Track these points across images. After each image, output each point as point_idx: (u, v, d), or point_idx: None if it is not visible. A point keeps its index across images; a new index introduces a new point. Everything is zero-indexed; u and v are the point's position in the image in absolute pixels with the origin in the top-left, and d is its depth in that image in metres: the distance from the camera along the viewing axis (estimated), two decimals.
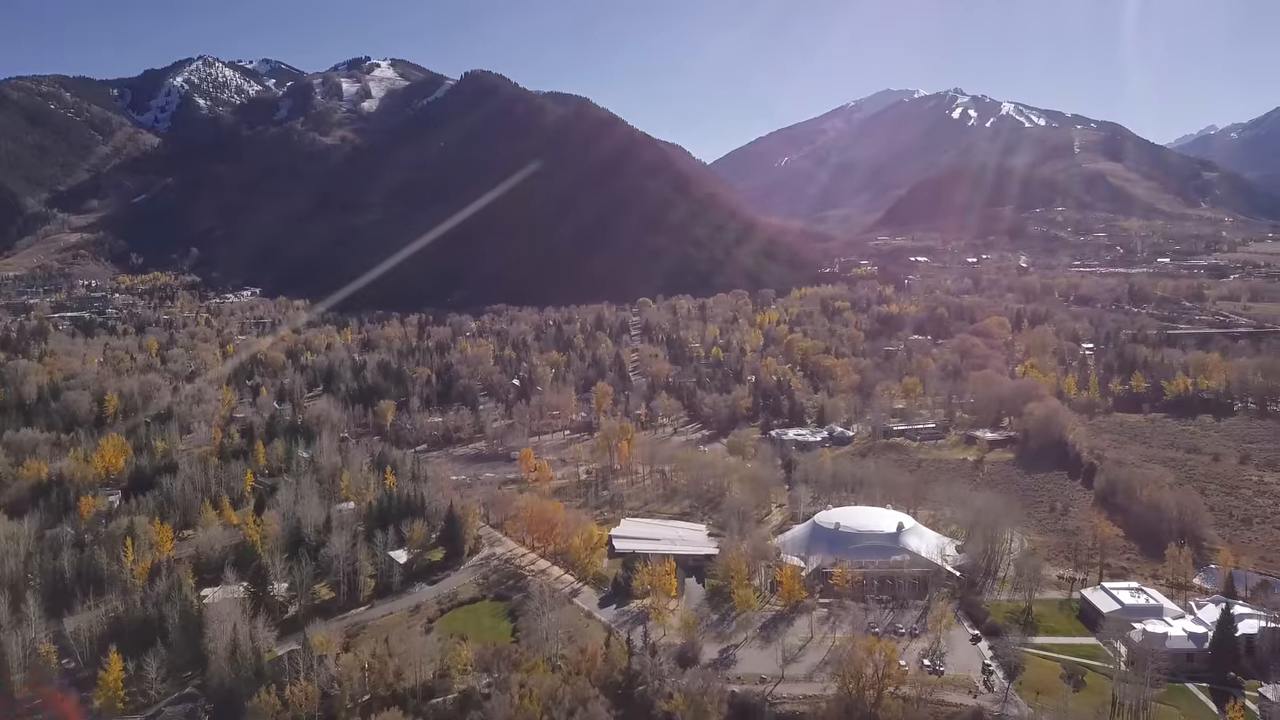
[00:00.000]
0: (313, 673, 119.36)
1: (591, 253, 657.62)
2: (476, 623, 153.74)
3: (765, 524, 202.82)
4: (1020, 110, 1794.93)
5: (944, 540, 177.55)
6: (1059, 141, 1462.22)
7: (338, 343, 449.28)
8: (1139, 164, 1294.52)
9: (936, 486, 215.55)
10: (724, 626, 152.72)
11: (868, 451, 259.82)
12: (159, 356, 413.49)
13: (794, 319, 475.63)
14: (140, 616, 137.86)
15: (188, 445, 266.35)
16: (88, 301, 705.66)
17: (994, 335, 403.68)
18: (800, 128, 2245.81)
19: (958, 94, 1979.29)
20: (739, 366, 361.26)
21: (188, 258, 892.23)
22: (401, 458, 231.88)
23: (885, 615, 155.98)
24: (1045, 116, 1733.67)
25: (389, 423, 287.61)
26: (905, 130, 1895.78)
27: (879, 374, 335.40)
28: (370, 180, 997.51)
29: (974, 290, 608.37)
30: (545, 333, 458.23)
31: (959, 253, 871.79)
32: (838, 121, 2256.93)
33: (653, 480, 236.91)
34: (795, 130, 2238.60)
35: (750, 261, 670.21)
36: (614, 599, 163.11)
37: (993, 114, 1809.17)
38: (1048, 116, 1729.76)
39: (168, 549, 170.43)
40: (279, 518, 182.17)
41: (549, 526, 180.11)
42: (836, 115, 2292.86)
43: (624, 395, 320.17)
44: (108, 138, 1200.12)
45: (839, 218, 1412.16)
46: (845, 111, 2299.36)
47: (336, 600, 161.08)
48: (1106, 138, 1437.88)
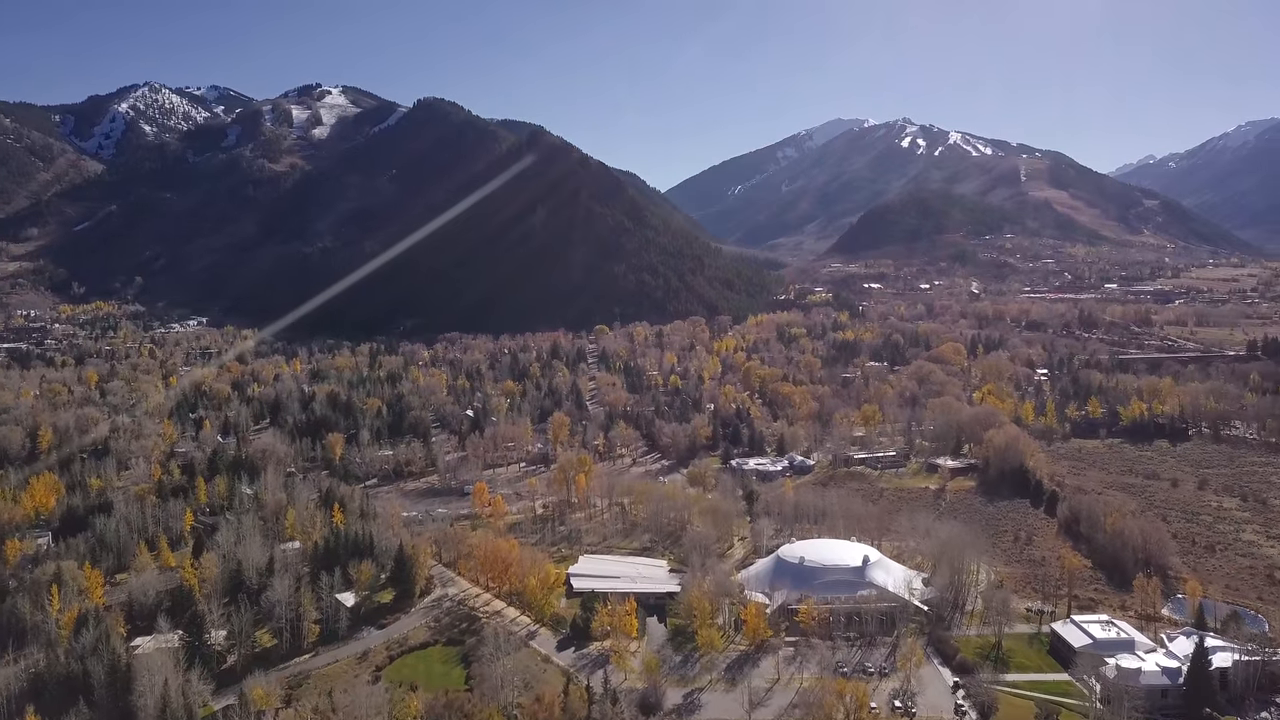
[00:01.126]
0: None
1: (547, 280, 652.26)
2: (428, 670, 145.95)
3: (728, 558, 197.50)
4: (967, 139, 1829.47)
5: (910, 573, 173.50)
6: (1005, 170, 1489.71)
7: (286, 373, 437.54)
8: (1083, 191, 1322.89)
9: (900, 517, 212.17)
10: (687, 668, 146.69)
11: (829, 481, 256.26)
12: (98, 389, 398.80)
13: (751, 346, 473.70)
14: (63, 672, 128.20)
15: (125, 482, 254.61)
16: (26, 332, 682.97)
17: (950, 361, 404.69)
18: (752, 156, 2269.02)
19: (906, 123, 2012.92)
20: (698, 395, 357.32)
21: (131, 286, 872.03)
22: (350, 494, 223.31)
23: (853, 653, 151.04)
24: (992, 145, 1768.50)
25: (338, 456, 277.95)
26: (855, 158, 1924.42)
27: (837, 401, 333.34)
28: (320, 207, 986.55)
29: (927, 316, 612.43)
30: (500, 361, 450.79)
31: (911, 279, 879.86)
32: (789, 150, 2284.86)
33: (611, 514, 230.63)
34: (747, 159, 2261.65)
35: (706, 288, 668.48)
36: (573, 641, 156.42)
37: (941, 143, 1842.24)
38: (994, 145, 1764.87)
39: (97, 596, 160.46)
40: (218, 559, 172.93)
41: (503, 566, 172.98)
42: (788, 144, 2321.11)
43: (581, 425, 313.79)
44: (49, 164, 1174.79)
45: (791, 245, 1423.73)
46: (797, 140, 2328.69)
47: (279, 648, 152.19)
48: (1051, 166, 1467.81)
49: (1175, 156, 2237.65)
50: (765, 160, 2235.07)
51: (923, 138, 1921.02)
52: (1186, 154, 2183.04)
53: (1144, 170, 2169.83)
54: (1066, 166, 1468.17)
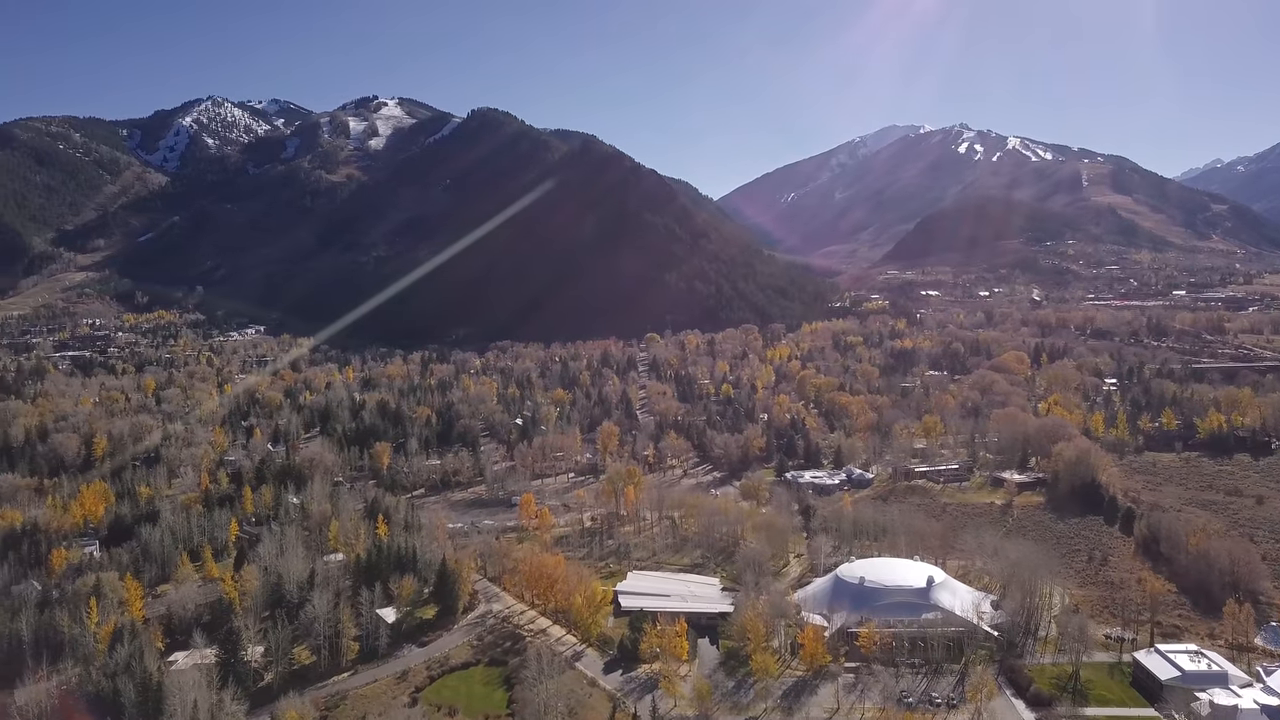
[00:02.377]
0: None
1: (598, 288, 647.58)
2: (468, 692, 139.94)
3: (783, 577, 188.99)
4: (1026, 144, 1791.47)
5: (978, 595, 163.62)
6: (1066, 175, 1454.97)
7: (337, 381, 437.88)
8: (1147, 197, 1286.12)
9: (965, 534, 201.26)
10: (741, 695, 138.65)
11: (889, 495, 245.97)
12: (154, 396, 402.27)
13: (805, 354, 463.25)
14: (93, 689, 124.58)
15: (175, 490, 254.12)
16: (90, 340, 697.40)
17: (1013, 370, 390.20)
18: (804, 164, 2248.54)
19: (963, 129, 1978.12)
20: (750, 404, 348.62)
21: (192, 296, 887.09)
22: (395, 504, 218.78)
23: (918, 682, 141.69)
24: (1052, 150, 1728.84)
25: (385, 466, 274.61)
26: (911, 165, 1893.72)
27: (896, 412, 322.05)
28: (375, 217, 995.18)
29: (987, 324, 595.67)
30: (550, 370, 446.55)
31: (969, 286, 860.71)
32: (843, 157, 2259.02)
33: (661, 528, 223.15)
34: (799, 167, 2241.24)
35: (759, 295, 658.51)
36: (620, 663, 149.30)
37: (999, 148, 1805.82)
38: (1054, 150, 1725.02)
39: (137, 609, 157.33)
40: (259, 572, 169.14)
41: (548, 582, 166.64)
42: (842, 151, 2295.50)
43: (631, 435, 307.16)
44: (115, 177, 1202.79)
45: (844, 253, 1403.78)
46: (850, 147, 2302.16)
47: (317, 666, 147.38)
48: (1114, 171, 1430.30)
49: (1244, 160, 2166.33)
50: (818, 168, 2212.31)
51: (980, 143, 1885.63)
52: (1255, 157, 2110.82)
53: (1211, 174, 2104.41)
54: (1130, 171, 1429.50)
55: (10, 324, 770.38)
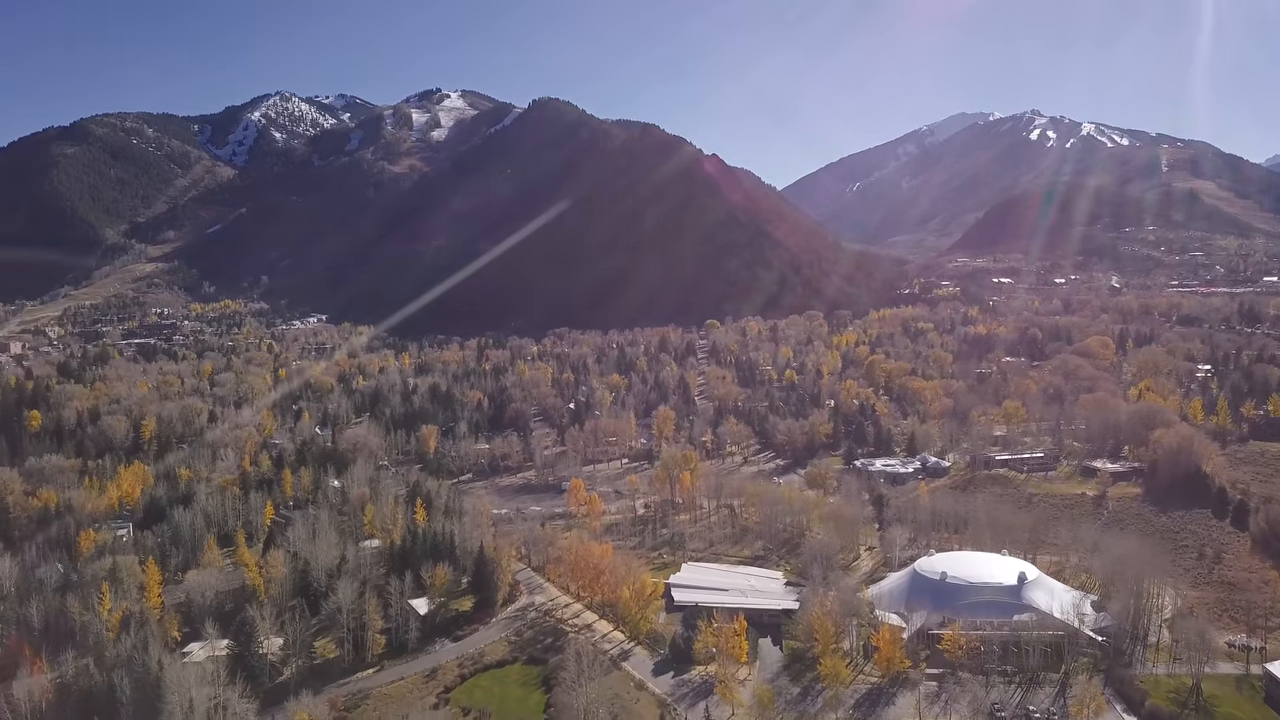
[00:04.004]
0: None
1: (658, 276, 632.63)
2: (503, 694, 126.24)
3: (853, 571, 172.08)
4: (1101, 130, 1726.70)
5: (1077, 595, 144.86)
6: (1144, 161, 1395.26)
7: (391, 367, 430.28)
8: (1231, 182, 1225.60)
9: (1058, 528, 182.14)
10: (807, 704, 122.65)
11: (967, 484, 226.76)
12: (208, 381, 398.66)
13: (874, 340, 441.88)
14: (85, 685, 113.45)
15: (216, 473, 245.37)
16: (157, 329, 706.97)
17: (1098, 355, 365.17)
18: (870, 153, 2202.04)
19: (1035, 115, 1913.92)
20: (816, 390, 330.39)
21: (257, 286, 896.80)
22: (437, 489, 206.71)
23: (1012, 693, 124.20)
24: (1128, 136, 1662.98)
25: (431, 449, 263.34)
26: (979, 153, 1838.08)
27: (973, 398, 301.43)
28: (436, 208, 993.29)
29: (1064, 312, 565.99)
30: (607, 356, 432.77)
31: (1045, 273, 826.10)
32: (909, 146, 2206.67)
33: (719, 517, 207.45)
34: (865, 156, 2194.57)
35: (824, 282, 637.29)
36: (671, 664, 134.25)
37: (1072, 135, 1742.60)
38: (1130, 136, 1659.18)
39: (154, 596, 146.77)
40: (286, 558, 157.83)
41: (594, 573, 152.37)
42: (908, 140, 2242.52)
43: (688, 421, 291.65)
44: (186, 171, 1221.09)
45: (911, 243, 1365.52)
46: (917, 135, 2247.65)
47: (340, 661, 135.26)
48: (1194, 156, 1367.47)
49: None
50: (884, 157, 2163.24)
51: (1053, 130, 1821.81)
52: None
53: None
54: (1212, 156, 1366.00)
55: (83, 313, 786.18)
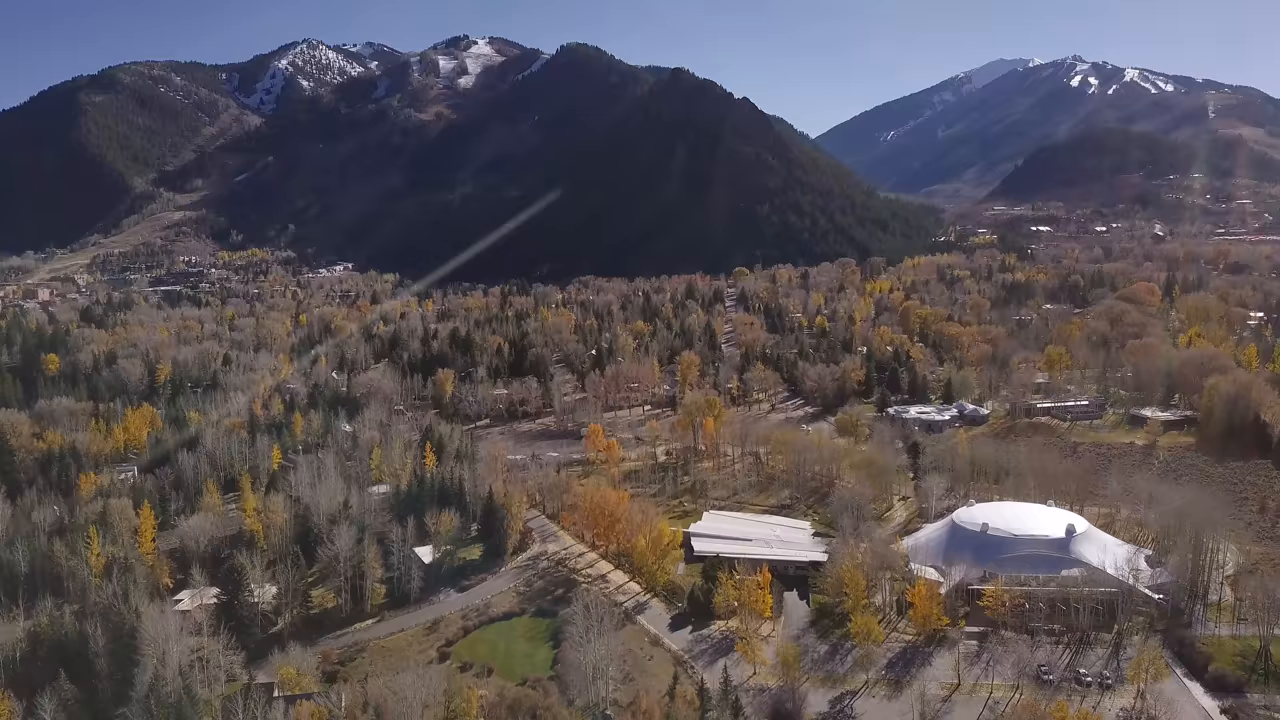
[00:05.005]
0: None
1: (687, 223, 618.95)
2: (508, 649, 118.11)
3: (886, 522, 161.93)
4: (1145, 76, 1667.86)
5: (1130, 549, 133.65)
6: (1190, 107, 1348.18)
7: (414, 312, 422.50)
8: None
9: (1108, 478, 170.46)
10: (835, 663, 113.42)
11: (1007, 433, 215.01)
12: (227, 326, 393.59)
13: (908, 287, 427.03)
14: (53, 635, 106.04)
15: (227, 416, 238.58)
16: (185, 276, 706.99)
17: (1144, 302, 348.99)
18: (905, 101, 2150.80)
19: (1076, 61, 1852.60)
20: (848, 336, 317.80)
21: (285, 234, 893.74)
22: (450, 433, 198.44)
23: (1060, 654, 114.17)
24: (1173, 82, 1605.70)
25: (448, 394, 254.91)
26: (1019, 101, 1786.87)
27: (1013, 344, 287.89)
28: (464, 155, 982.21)
29: (1105, 260, 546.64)
30: (632, 303, 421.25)
31: (1085, 222, 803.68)
32: (946, 94, 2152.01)
33: (744, 465, 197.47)
34: (900, 104, 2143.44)
35: (857, 229, 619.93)
36: (690, 618, 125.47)
37: (1115, 81, 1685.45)
38: (1176, 82, 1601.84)
39: (147, 541, 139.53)
40: (287, 503, 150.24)
41: (609, 521, 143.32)
42: (945, 87, 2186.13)
43: (714, 367, 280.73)
44: (214, 119, 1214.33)
45: (948, 192, 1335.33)
46: (954, 83, 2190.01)
47: (338, 611, 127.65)
48: (1243, 102, 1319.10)
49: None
50: (920, 105, 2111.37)
51: (1094, 76, 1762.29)
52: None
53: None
54: (1262, 102, 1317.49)
55: (111, 261, 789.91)
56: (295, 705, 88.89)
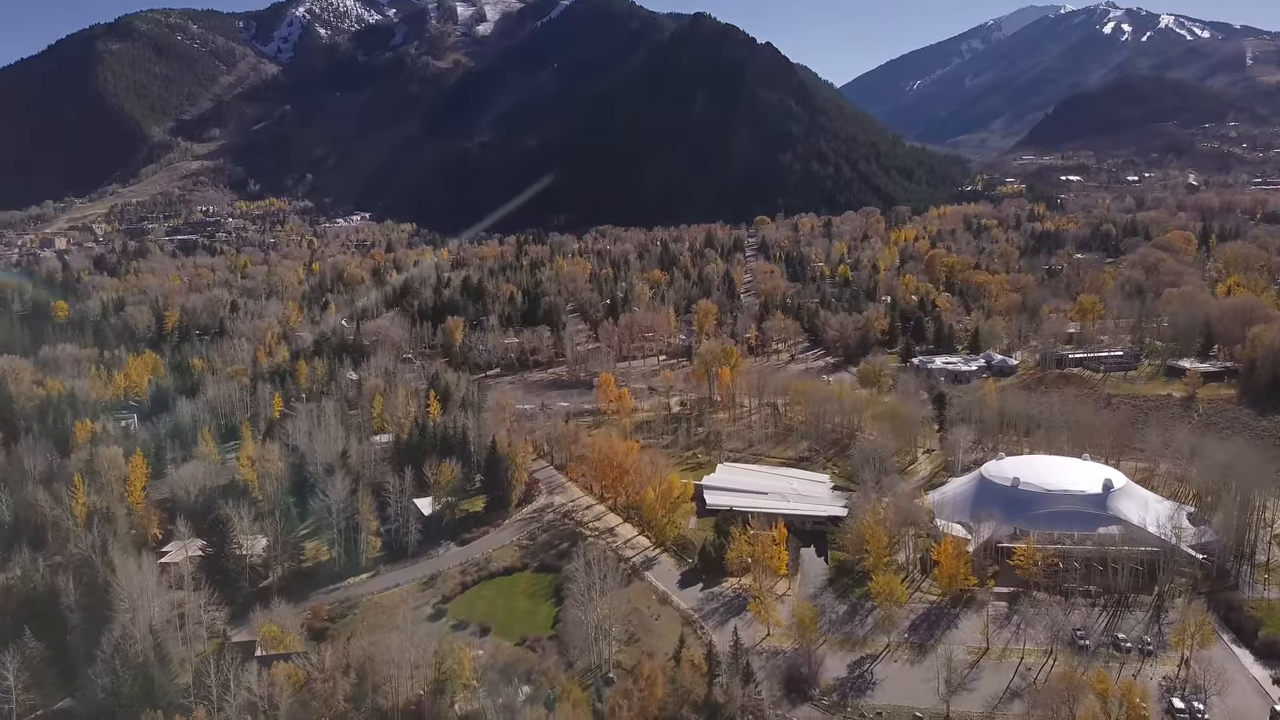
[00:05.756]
0: (229, 690, 79.24)
1: (707, 171, 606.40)
2: (508, 605, 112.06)
3: (910, 475, 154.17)
4: (1181, 22, 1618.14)
5: (1171, 506, 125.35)
6: (1228, 54, 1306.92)
7: (427, 260, 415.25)
8: None
9: (1147, 432, 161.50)
10: (855, 625, 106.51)
11: (1037, 384, 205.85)
12: (240, 274, 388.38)
13: (934, 236, 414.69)
14: (24, 589, 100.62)
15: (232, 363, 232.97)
16: (202, 226, 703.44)
17: (1180, 251, 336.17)
18: (932, 49, 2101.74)
19: (1110, 7, 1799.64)
20: (871, 285, 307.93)
21: (302, 184, 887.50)
22: (456, 381, 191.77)
23: (1096, 617, 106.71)
24: (1210, 29, 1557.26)
25: (457, 342, 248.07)
26: (1049, 49, 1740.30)
27: (1044, 292, 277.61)
28: (482, 104, 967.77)
29: (1137, 210, 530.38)
30: (650, 252, 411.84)
31: (1116, 171, 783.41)
32: (974, 41, 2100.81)
33: (761, 416, 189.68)
34: (927, 52, 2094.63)
35: (882, 178, 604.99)
36: (701, 575, 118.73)
37: (1150, 27, 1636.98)
38: (1213, 29, 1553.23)
39: (137, 491, 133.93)
40: (283, 452, 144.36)
41: (618, 472, 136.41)
42: (973, 35, 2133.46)
43: (732, 316, 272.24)
44: (231, 68, 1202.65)
45: (975, 142, 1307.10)
46: (983, 30, 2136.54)
47: (331, 565, 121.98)
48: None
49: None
50: (947, 53, 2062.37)
51: (1128, 22, 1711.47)
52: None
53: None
54: None
55: (129, 210, 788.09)
56: (271, 667, 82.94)
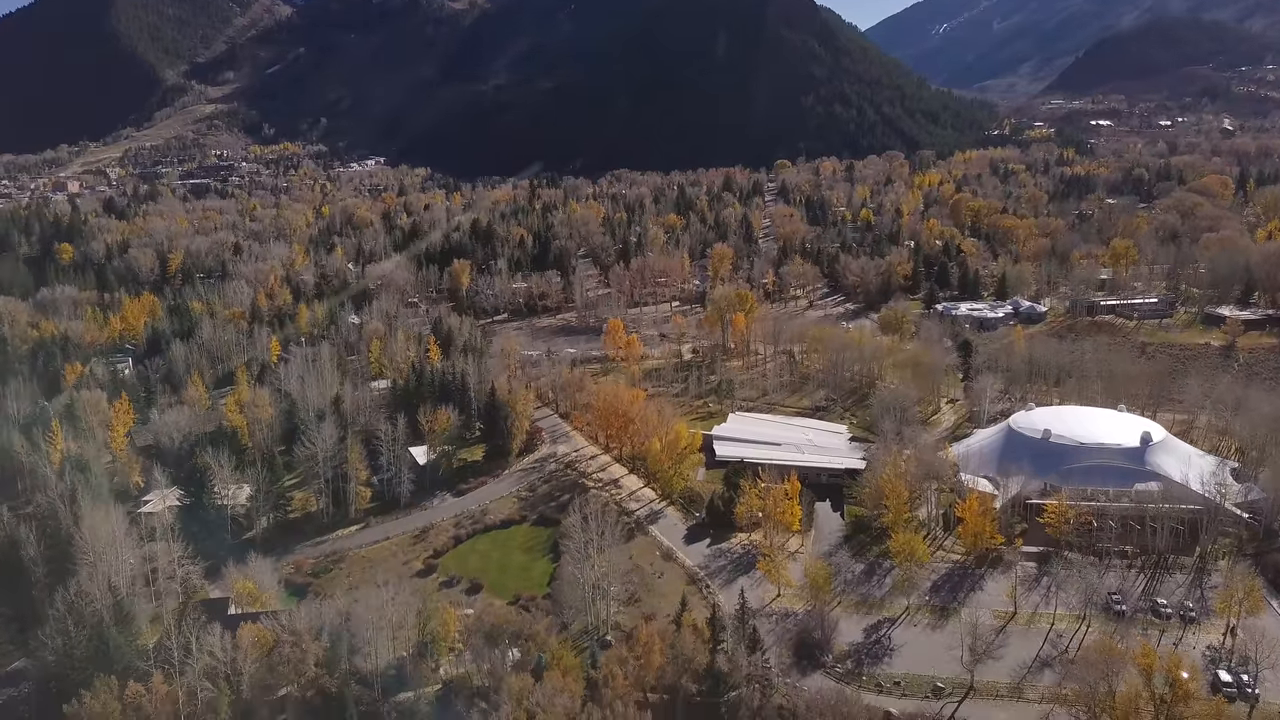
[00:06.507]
0: (191, 655, 73.12)
1: (727, 114, 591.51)
2: (502, 560, 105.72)
3: (933, 426, 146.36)
4: None
5: (1214, 461, 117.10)
6: None
7: (438, 204, 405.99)
8: None
9: (1186, 382, 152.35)
10: (872, 585, 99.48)
11: (1068, 331, 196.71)
12: (247, 217, 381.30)
13: (959, 181, 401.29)
14: None
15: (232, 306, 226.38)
16: (215, 170, 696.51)
17: (1217, 195, 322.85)
18: None
19: None
20: (894, 229, 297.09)
21: (316, 128, 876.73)
22: (459, 326, 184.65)
23: (1133, 580, 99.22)
24: None
25: (464, 286, 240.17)
26: None
27: (1074, 237, 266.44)
28: (497, 46, 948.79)
29: (1170, 155, 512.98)
30: (666, 196, 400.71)
31: (1148, 115, 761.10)
32: None
33: (776, 363, 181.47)
34: None
35: (906, 121, 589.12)
36: (708, 530, 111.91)
37: None
38: None
39: (119, 436, 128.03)
40: (274, 397, 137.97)
41: (622, 421, 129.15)
42: None
43: (748, 260, 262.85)
44: (245, 10, 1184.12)
45: (1003, 87, 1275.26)
46: None
47: (319, 517, 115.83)
48: None
49: None
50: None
51: None
52: None
53: None
54: None
55: (143, 154, 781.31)
56: (238, 628, 76.77)
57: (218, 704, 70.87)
